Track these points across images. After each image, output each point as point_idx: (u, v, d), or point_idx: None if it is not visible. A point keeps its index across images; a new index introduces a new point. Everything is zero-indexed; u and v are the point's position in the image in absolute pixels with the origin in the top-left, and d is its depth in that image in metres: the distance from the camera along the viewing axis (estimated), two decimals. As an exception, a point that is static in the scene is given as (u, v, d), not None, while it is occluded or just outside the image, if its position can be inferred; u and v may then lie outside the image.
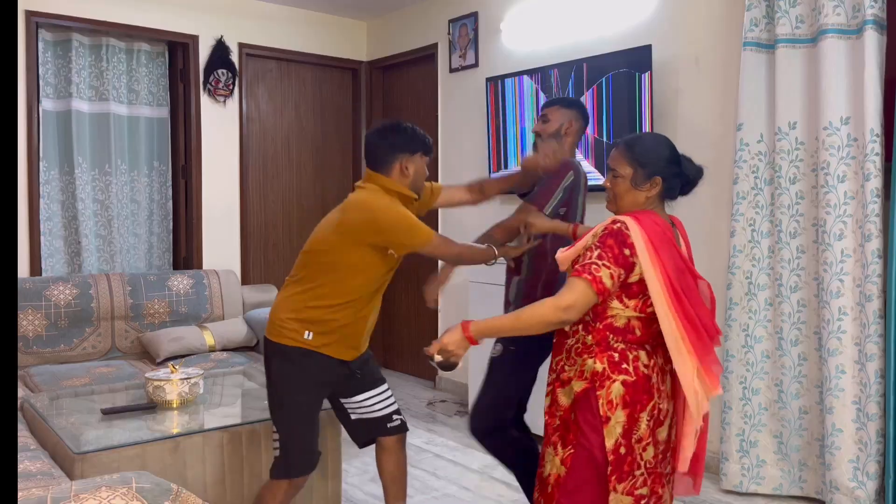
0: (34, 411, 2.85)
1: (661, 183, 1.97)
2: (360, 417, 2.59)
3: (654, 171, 1.96)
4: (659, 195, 1.99)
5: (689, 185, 2.03)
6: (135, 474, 1.23)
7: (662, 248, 1.87)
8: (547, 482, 1.96)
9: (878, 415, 2.89)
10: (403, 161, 2.41)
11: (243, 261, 5.08)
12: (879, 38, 2.88)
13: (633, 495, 1.90)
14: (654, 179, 1.97)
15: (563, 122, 2.72)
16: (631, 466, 1.89)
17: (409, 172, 2.42)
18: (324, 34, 5.43)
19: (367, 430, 2.61)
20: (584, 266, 1.86)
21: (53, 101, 4.47)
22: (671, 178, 1.98)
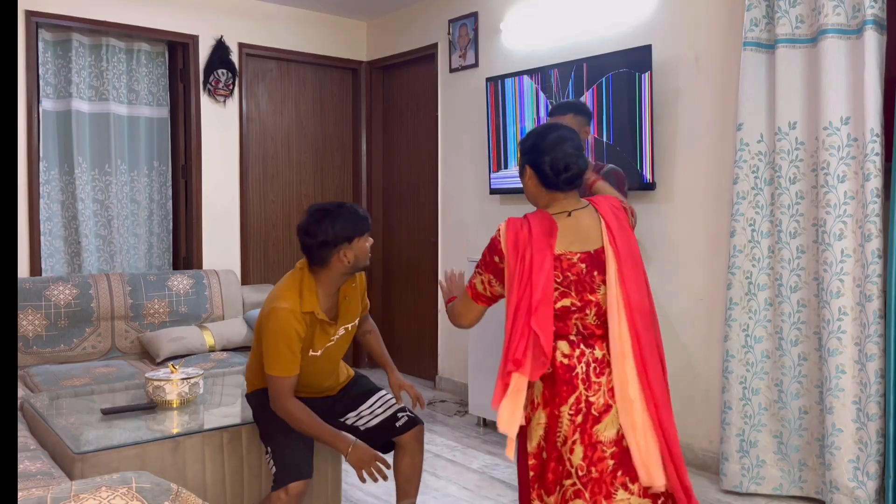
0: (34, 411, 2.85)
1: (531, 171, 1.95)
2: (367, 426, 2.64)
3: (525, 160, 1.96)
4: (540, 185, 1.95)
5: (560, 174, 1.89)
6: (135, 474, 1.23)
7: (514, 250, 1.84)
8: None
9: (878, 415, 2.89)
10: (342, 251, 2.36)
11: (243, 261, 5.08)
12: (879, 38, 2.88)
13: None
14: (526, 169, 1.97)
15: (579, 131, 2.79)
16: (556, 474, 1.73)
17: (349, 260, 2.38)
18: (324, 34, 5.43)
19: (379, 436, 2.64)
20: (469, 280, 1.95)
21: (53, 101, 4.47)
22: (538, 168, 1.93)
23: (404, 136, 5.54)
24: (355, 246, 2.37)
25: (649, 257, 3.81)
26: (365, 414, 2.66)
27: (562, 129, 1.97)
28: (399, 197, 5.59)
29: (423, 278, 5.31)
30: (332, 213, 2.36)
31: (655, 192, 3.73)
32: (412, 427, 2.65)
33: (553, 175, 1.89)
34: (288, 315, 2.33)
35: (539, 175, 1.93)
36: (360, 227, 2.39)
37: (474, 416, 4.36)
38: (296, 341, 2.35)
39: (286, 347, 2.33)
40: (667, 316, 3.75)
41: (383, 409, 2.66)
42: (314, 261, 2.39)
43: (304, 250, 2.40)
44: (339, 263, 2.38)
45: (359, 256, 2.40)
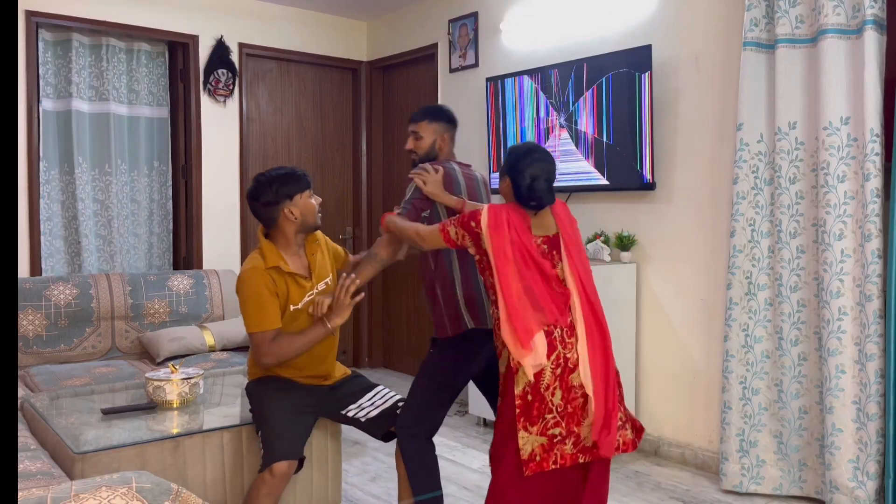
0: (34, 411, 2.85)
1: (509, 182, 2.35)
2: (368, 417, 2.67)
3: (506, 171, 2.37)
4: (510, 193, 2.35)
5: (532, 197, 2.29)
6: (135, 474, 1.23)
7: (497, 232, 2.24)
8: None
9: (878, 415, 2.89)
10: (286, 209, 2.54)
11: (243, 261, 5.07)
12: (879, 38, 2.88)
13: (547, 435, 2.23)
14: (505, 177, 2.37)
15: (436, 137, 2.85)
16: (540, 411, 2.22)
17: (295, 216, 2.55)
18: (324, 34, 5.43)
19: (379, 425, 2.67)
20: (445, 223, 2.37)
21: (53, 101, 4.47)
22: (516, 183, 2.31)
23: (404, 136, 5.51)
24: (297, 202, 2.56)
25: (649, 257, 3.81)
26: (366, 405, 2.69)
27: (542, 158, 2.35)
28: (399, 197, 5.57)
29: (423, 278, 5.31)
30: (272, 176, 2.56)
31: (655, 192, 3.73)
32: None
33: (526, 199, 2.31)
34: (250, 273, 2.50)
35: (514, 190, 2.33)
36: (299, 184, 2.57)
37: (474, 416, 4.36)
38: (265, 295, 2.49)
39: (255, 302, 2.48)
40: (667, 316, 3.75)
41: (384, 401, 2.71)
42: (266, 223, 2.59)
43: (255, 215, 2.59)
44: (287, 221, 2.56)
45: (304, 212, 2.57)
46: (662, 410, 3.77)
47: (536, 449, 2.22)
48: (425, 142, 2.85)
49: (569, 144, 4.01)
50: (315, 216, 2.61)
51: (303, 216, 2.57)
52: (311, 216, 2.59)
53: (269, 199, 2.53)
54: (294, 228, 2.57)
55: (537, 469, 2.23)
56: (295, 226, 2.57)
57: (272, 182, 2.53)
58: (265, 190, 2.53)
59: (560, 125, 4.06)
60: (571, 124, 3.99)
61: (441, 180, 2.69)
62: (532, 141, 4.07)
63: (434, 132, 2.84)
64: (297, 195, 2.55)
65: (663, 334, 3.75)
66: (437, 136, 2.84)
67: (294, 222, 2.56)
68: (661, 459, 3.70)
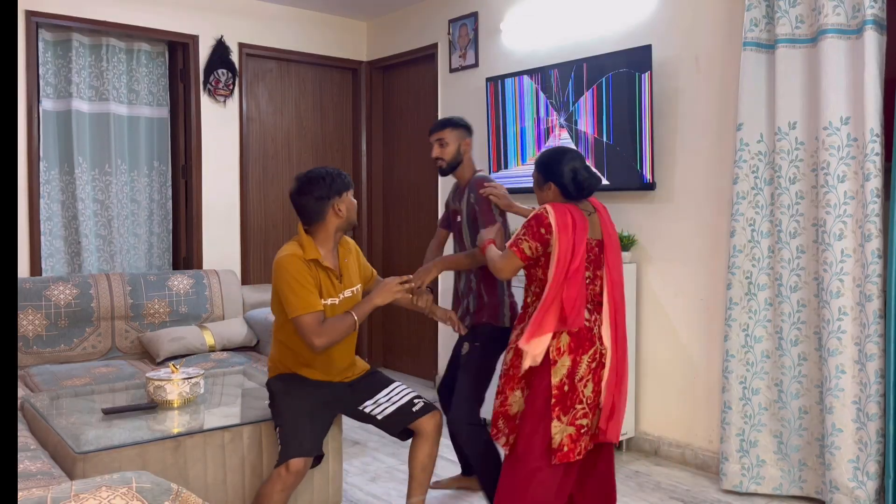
0: (34, 411, 2.85)
1: (554, 187, 2.54)
2: (384, 414, 2.72)
3: (546, 177, 2.55)
4: (558, 195, 2.54)
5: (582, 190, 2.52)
6: (135, 474, 1.23)
7: (565, 230, 2.40)
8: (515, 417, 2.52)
9: (878, 415, 2.89)
10: (335, 205, 2.65)
11: (243, 261, 5.08)
12: (879, 38, 2.88)
13: (575, 425, 2.40)
14: (548, 184, 2.55)
15: (459, 142, 3.06)
16: (573, 401, 2.39)
17: (342, 212, 2.67)
18: (324, 34, 5.43)
19: (396, 422, 2.72)
20: (513, 240, 2.48)
21: (53, 101, 4.47)
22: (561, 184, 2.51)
23: (404, 136, 5.54)
24: (345, 199, 2.67)
25: (649, 257, 3.81)
26: (382, 401, 2.74)
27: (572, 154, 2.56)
28: (399, 197, 5.59)
29: (423, 278, 5.31)
30: (321, 173, 2.66)
31: (655, 192, 3.73)
32: (429, 412, 2.73)
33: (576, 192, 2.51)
34: (290, 259, 2.58)
35: (562, 189, 2.52)
36: (347, 183, 2.70)
37: (474, 416, 4.36)
38: (307, 278, 2.57)
39: (299, 285, 2.55)
40: (667, 316, 3.75)
41: (399, 397, 2.76)
42: (312, 218, 2.66)
43: (301, 210, 2.67)
44: (333, 217, 2.66)
45: (349, 209, 2.69)
46: (662, 410, 3.77)
47: (565, 439, 2.37)
48: (451, 148, 3.06)
49: (569, 144, 4.00)
50: (355, 215, 2.75)
51: (348, 213, 2.68)
52: (353, 214, 2.72)
53: (322, 194, 2.62)
54: (337, 224, 2.67)
55: (564, 459, 2.36)
56: (340, 221, 2.67)
57: (324, 178, 2.64)
58: (319, 185, 2.63)
59: (560, 125, 4.06)
60: (571, 124, 3.99)
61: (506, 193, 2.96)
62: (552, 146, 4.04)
63: (457, 138, 3.06)
64: (345, 192, 2.67)
65: (663, 334, 3.75)
66: (460, 141, 3.06)
67: (340, 218, 2.66)
68: (661, 459, 3.70)
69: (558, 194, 2.53)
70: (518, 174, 4.33)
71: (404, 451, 3.78)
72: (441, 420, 2.76)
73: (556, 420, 2.36)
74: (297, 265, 2.57)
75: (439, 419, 2.75)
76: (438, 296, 3.14)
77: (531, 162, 4.24)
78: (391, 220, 5.67)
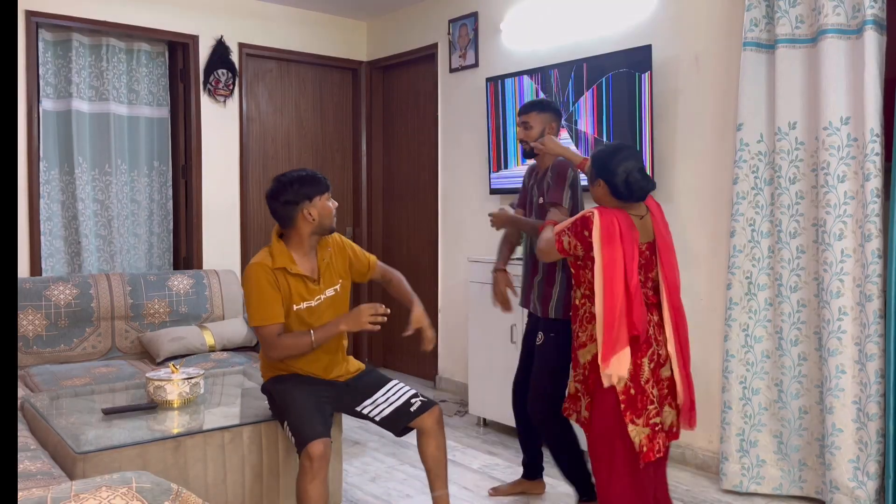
0: (34, 411, 2.85)
1: (604, 185, 2.50)
2: (382, 415, 2.72)
3: (597, 174, 2.52)
4: (608, 194, 2.51)
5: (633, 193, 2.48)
6: (135, 474, 1.23)
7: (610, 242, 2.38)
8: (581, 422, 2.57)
9: (878, 415, 2.89)
10: (304, 210, 2.63)
11: (243, 261, 5.07)
12: (879, 38, 2.88)
13: (650, 425, 2.42)
14: (598, 181, 2.52)
15: (544, 126, 3.06)
16: (643, 403, 2.41)
17: (313, 217, 2.64)
18: (324, 34, 5.43)
19: (394, 421, 2.72)
20: (560, 229, 2.52)
21: (53, 101, 4.47)
22: (612, 184, 2.48)
23: (404, 136, 5.54)
24: (317, 204, 2.64)
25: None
26: (380, 401, 2.73)
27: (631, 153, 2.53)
28: (399, 197, 5.59)
29: (424, 278, 5.31)
30: (293, 177, 2.65)
31: (655, 192, 3.72)
32: (427, 409, 2.71)
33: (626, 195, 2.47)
34: (255, 268, 2.60)
35: (612, 188, 2.48)
36: (319, 186, 2.65)
37: (474, 416, 4.36)
38: (267, 291, 2.58)
39: (259, 297, 2.58)
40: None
41: (397, 397, 2.74)
42: (283, 222, 2.66)
43: (273, 214, 2.67)
44: (304, 222, 2.64)
45: (322, 214, 2.65)
46: (662, 410, 3.76)
47: (644, 440, 2.40)
48: (535, 131, 3.09)
49: (569, 145, 4.00)
50: (331, 219, 2.70)
51: (320, 217, 2.65)
52: (327, 218, 2.68)
53: (289, 199, 2.61)
54: (310, 229, 2.65)
55: (646, 459, 2.40)
56: (311, 226, 2.65)
57: (293, 182, 2.62)
58: (286, 190, 2.61)
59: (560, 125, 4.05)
60: (571, 124, 3.99)
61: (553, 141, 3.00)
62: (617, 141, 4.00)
63: (542, 122, 3.09)
64: (317, 197, 2.64)
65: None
66: (545, 125, 3.09)
67: (311, 223, 2.64)
68: (661, 459, 3.71)
69: (607, 192, 2.50)
70: (518, 174, 4.33)
71: (404, 451, 3.79)
72: (440, 413, 2.75)
73: (631, 424, 2.39)
74: (261, 275, 2.58)
75: (438, 413, 2.74)
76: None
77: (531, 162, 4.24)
78: (391, 220, 5.67)
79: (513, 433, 4.10)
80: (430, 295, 5.23)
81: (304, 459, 2.43)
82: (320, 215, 2.65)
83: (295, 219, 2.63)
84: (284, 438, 2.75)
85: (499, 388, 3.97)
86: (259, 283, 2.58)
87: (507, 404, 3.37)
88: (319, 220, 2.65)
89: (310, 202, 2.62)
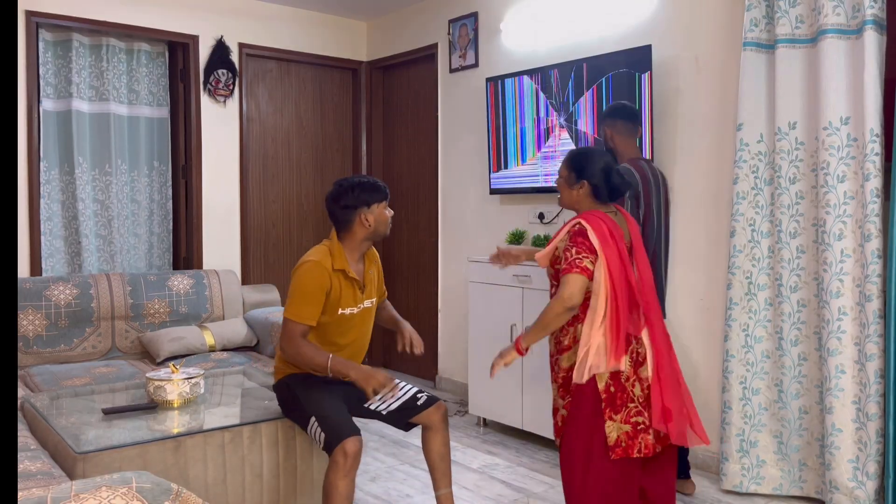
0: (34, 411, 2.85)
1: (587, 186, 2.50)
2: (388, 410, 2.77)
3: (579, 176, 2.51)
4: (588, 195, 2.51)
5: (615, 192, 2.51)
6: (135, 474, 1.23)
7: (607, 243, 2.39)
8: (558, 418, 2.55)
9: (877, 415, 2.89)
10: (362, 215, 2.67)
11: (243, 261, 5.08)
12: (879, 38, 2.88)
13: (630, 423, 2.42)
14: (581, 182, 2.51)
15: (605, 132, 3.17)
16: (623, 400, 2.41)
17: (369, 223, 2.68)
18: (324, 34, 5.43)
19: (400, 416, 2.78)
20: (570, 263, 2.39)
21: (53, 101, 4.47)
22: (597, 185, 2.49)
23: (404, 136, 5.54)
24: (374, 210, 2.69)
25: (649, 257, 3.81)
26: (387, 397, 2.77)
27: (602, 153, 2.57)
28: (399, 197, 5.59)
29: (424, 278, 5.32)
30: (353, 182, 2.71)
31: (655, 192, 3.73)
32: (433, 404, 2.77)
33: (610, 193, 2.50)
34: (315, 266, 2.61)
35: (594, 191, 2.50)
36: (378, 194, 2.71)
37: (474, 416, 4.36)
38: (317, 292, 2.60)
39: (304, 294, 2.59)
40: (667, 316, 3.75)
41: (403, 392, 2.79)
42: (340, 225, 2.70)
43: (331, 217, 2.72)
44: (360, 227, 2.68)
45: (378, 221, 2.70)
46: (662, 410, 3.76)
47: (622, 436, 2.40)
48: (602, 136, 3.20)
49: (569, 144, 4.01)
50: (387, 226, 2.75)
51: (376, 224, 2.70)
52: (383, 225, 2.73)
53: (349, 203, 2.66)
54: (364, 234, 2.70)
55: (623, 454, 2.40)
56: (367, 232, 2.69)
57: (354, 188, 2.68)
58: (346, 194, 2.67)
59: (560, 125, 4.06)
60: (571, 124, 3.99)
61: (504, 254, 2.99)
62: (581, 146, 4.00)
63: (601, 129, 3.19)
64: (375, 204, 2.69)
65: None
66: (606, 131, 3.19)
67: (367, 229, 2.69)
68: (661, 459, 3.71)
69: (589, 194, 2.51)
70: (518, 174, 4.33)
71: (404, 451, 3.79)
72: (446, 409, 2.80)
73: (609, 420, 2.39)
74: (317, 276, 2.60)
75: (444, 409, 2.79)
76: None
77: (531, 162, 4.25)
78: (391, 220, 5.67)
79: (513, 433, 4.10)
80: (430, 295, 5.23)
81: (338, 456, 2.45)
82: (376, 222, 2.69)
83: (352, 223, 2.68)
84: (285, 438, 2.76)
85: (499, 388, 3.97)
86: (311, 282, 2.59)
87: (508, 404, 3.37)
88: (375, 226, 2.69)
89: (367, 208, 2.67)
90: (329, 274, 2.62)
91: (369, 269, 2.79)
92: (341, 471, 2.44)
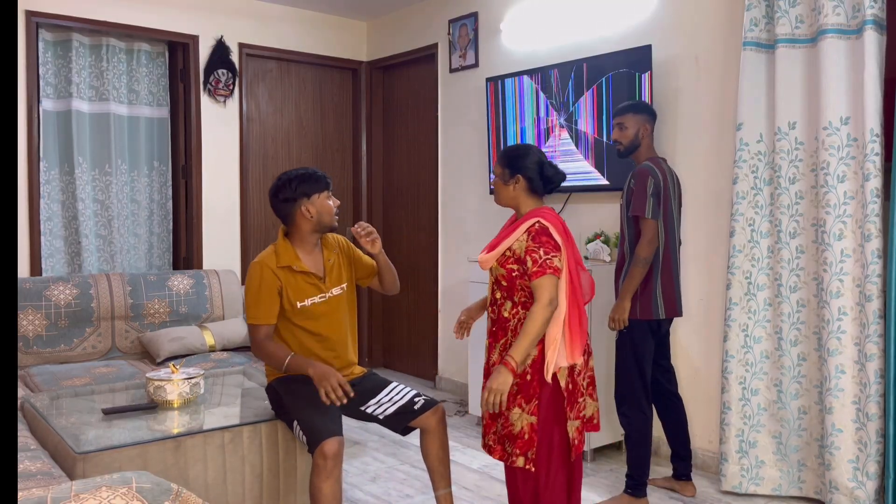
0: (34, 411, 2.85)
1: (522, 180, 2.48)
2: (385, 414, 2.74)
3: (514, 171, 2.49)
4: (525, 190, 2.49)
5: (550, 183, 2.50)
6: (135, 474, 1.24)
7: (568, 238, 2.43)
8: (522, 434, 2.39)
9: (877, 415, 2.89)
10: (303, 207, 2.65)
11: (243, 261, 5.08)
12: (879, 38, 2.88)
13: (580, 418, 2.45)
14: (516, 177, 2.48)
15: (639, 127, 3.13)
16: (576, 395, 2.44)
17: (311, 214, 2.66)
18: (324, 34, 5.43)
19: (397, 420, 2.74)
20: (542, 265, 2.34)
21: (53, 101, 4.47)
22: (532, 178, 2.47)
23: (404, 136, 5.54)
24: (315, 201, 2.65)
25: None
26: (384, 401, 2.75)
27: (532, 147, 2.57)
28: (399, 197, 5.59)
29: (423, 278, 5.32)
30: (290, 176, 2.67)
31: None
32: (430, 408, 2.73)
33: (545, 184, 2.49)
34: (257, 267, 2.64)
35: (530, 184, 2.48)
36: (318, 184, 2.67)
37: (474, 416, 4.36)
38: (264, 291, 2.62)
39: (255, 296, 2.63)
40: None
41: (400, 396, 2.77)
42: (284, 219, 2.70)
43: (274, 211, 2.71)
44: (303, 219, 2.66)
45: (321, 212, 2.67)
46: (662, 410, 3.76)
47: (575, 433, 2.42)
48: (629, 132, 3.14)
49: (569, 144, 4.01)
50: (331, 217, 2.71)
51: (319, 215, 2.66)
52: (327, 216, 2.69)
53: (288, 196, 2.64)
54: (310, 227, 2.67)
55: (578, 451, 2.43)
56: (311, 224, 2.67)
57: (292, 180, 2.64)
58: (285, 187, 2.65)
59: (560, 125, 4.06)
60: (571, 124, 4.00)
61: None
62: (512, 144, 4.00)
63: (637, 123, 3.13)
64: (316, 195, 2.66)
65: (663, 334, 3.74)
66: (640, 126, 3.14)
67: (310, 220, 2.66)
68: (660, 459, 3.70)
69: (525, 188, 2.48)
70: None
71: (404, 451, 3.79)
72: (443, 412, 2.77)
73: (571, 419, 2.41)
74: (261, 274, 2.62)
75: (441, 412, 2.76)
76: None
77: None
78: (391, 220, 5.67)
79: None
80: (430, 295, 5.23)
81: (318, 458, 2.42)
82: (319, 213, 2.66)
83: (294, 216, 2.66)
84: (285, 438, 2.76)
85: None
86: (256, 283, 2.62)
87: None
88: (318, 217, 2.66)
89: (308, 199, 2.64)
90: (273, 271, 2.62)
91: (329, 257, 2.76)
92: (323, 473, 2.42)
